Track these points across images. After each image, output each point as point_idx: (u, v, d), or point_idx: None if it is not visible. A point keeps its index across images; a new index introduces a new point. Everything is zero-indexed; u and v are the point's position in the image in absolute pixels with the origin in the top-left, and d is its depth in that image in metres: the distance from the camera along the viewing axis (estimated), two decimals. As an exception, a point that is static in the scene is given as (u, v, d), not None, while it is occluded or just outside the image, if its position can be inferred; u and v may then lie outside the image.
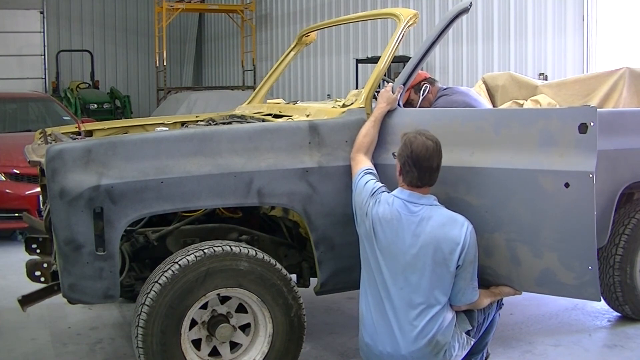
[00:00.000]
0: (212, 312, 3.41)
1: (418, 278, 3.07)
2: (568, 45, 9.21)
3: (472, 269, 3.10)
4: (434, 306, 3.08)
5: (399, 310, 3.10)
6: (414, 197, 3.13)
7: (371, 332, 3.20)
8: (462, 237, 3.05)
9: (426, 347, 3.08)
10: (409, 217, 3.08)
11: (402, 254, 3.09)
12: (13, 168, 7.09)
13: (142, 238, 3.55)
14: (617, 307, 4.53)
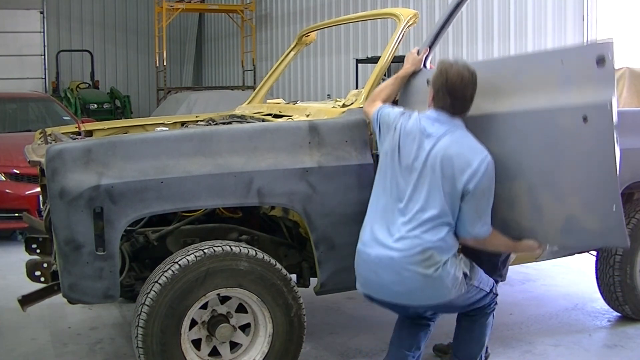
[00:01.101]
0: (212, 312, 3.41)
1: (427, 191, 3.01)
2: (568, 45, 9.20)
3: (484, 202, 3.01)
4: (437, 221, 3.00)
5: (403, 219, 3.04)
6: (443, 117, 3.10)
7: (367, 239, 3.15)
8: (477, 162, 2.98)
9: (418, 255, 2.99)
10: (432, 133, 3.06)
11: (418, 166, 3.05)
12: (13, 168, 7.09)
13: (142, 238, 3.55)
14: (617, 307, 4.53)
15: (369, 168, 3.57)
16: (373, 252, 3.09)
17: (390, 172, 3.12)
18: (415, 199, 3.02)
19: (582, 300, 5.02)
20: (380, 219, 3.10)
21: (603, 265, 4.46)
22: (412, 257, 2.98)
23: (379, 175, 3.20)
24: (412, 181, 3.04)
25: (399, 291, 3.06)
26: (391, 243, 3.03)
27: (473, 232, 3.03)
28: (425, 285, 3.01)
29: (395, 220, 3.04)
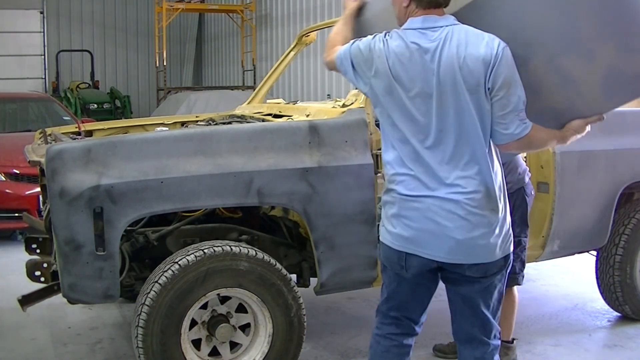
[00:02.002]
0: (212, 312, 3.41)
1: (455, 117, 2.45)
2: (568, 45, 9.20)
3: (514, 94, 2.46)
4: (482, 151, 2.48)
5: (442, 158, 2.48)
6: (430, 20, 2.50)
7: (413, 186, 2.51)
8: (490, 50, 2.43)
9: (481, 194, 2.47)
10: (429, 46, 2.45)
11: (432, 92, 2.45)
12: (13, 168, 7.09)
13: (142, 238, 3.55)
14: (617, 307, 4.53)
15: (369, 168, 3.57)
16: (432, 194, 2.46)
17: (398, 111, 2.50)
18: (446, 130, 2.45)
19: (582, 300, 5.02)
20: (415, 166, 2.49)
21: (603, 265, 4.46)
22: (476, 200, 2.45)
23: (385, 122, 2.58)
24: (433, 111, 2.45)
25: (464, 241, 2.46)
26: (446, 185, 2.46)
27: (515, 133, 2.48)
28: (490, 234, 2.49)
29: (433, 162, 2.46)
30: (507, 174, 3.62)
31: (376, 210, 3.64)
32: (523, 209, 3.63)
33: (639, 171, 4.33)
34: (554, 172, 4.00)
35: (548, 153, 4.01)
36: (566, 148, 4.00)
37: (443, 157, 2.46)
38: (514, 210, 3.62)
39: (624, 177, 4.28)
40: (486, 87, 2.44)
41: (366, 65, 2.56)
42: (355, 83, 2.65)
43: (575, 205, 4.12)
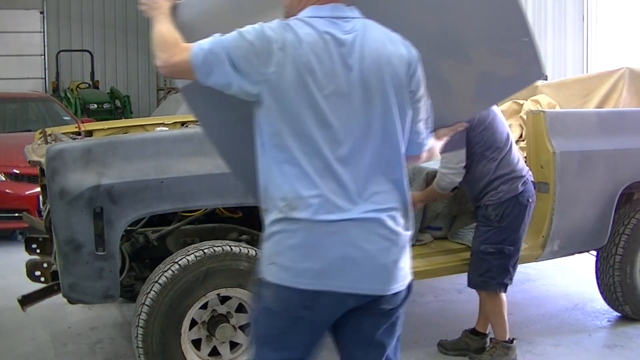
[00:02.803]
0: (212, 312, 3.41)
1: (380, 121, 2.06)
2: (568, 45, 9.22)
3: (427, 100, 2.21)
4: (400, 161, 2.13)
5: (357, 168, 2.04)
6: (339, 9, 2.08)
7: (318, 203, 1.99)
8: (411, 50, 2.13)
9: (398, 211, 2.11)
10: (345, 38, 2.05)
11: (351, 91, 2.03)
12: (13, 168, 7.09)
13: (142, 238, 3.55)
14: (617, 307, 4.53)
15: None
16: (348, 216, 2.00)
17: (310, 114, 2.00)
18: (366, 136, 2.05)
19: (582, 300, 5.02)
20: (325, 183, 2.00)
21: (603, 265, 4.46)
22: (394, 217, 2.08)
23: (287, 132, 2.00)
24: (351, 114, 2.03)
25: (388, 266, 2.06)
26: (361, 202, 2.02)
27: (427, 141, 2.23)
28: (406, 255, 2.15)
29: (346, 176, 2.01)
30: (500, 184, 3.65)
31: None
32: (513, 218, 3.65)
33: (639, 171, 4.33)
34: (554, 172, 3.99)
35: (548, 153, 4.01)
36: (566, 148, 4.02)
37: (359, 169, 2.03)
38: (502, 219, 3.65)
39: (624, 177, 4.28)
40: (410, 91, 2.12)
41: (260, 60, 1.99)
42: (233, 85, 2.02)
43: (575, 205, 4.12)
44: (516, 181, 3.65)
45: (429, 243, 4.25)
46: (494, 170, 3.65)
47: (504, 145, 3.68)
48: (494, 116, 3.70)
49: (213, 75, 2.03)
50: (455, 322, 4.43)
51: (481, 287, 3.77)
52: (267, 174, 2.04)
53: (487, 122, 3.66)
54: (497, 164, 3.66)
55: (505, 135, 3.71)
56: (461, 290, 5.22)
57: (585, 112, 4.61)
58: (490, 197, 3.66)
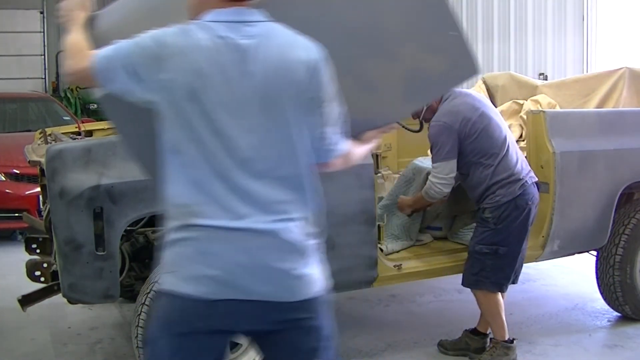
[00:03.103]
0: (212, 312, 3.40)
1: (278, 130, 2.00)
2: (568, 45, 9.22)
3: (336, 105, 2.11)
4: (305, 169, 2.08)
5: (257, 180, 1.98)
6: (242, 13, 2.00)
7: (214, 211, 1.94)
8: (317, 54, 2.04)
9: (298, 222, 2.08)
10: (244, 43, 1.97)
11: (249, 100, 1.96)
12: (13, 168, 7.09)
13: (142, 238, 3.55)
14: (617, 307, 4.53)
15: (369, 168, 3.57)
16: (247, 225, 1.95)
17: (204, 122, 1.94)
18: (264, 145, 1.99)
19: (582, 300, 5.01)
20: (222, 191, 1.95)
21: (603, 265, 4.46)
22: (297, 227, 2.06)
23: (181, 139, 1.95)
24: (248, 123, 1.97)
25: (289, 272, 1.99)
26: (261, 210, 1.97)
27: (341, 148, 2.15)
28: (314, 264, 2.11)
29: (247, 185, 1.96)
30: (498, 188, 3.65)
31: (376, 210, 3.64)
32: (510, 220, 3.66)
33: (639, 171, 4.33)
34: (554, 172, 3.99)
35: (548, 153, 4.01)
36: (566, 148, 4.02)
37: (259, 177, 1.97)
38: (499, 221, 3.66)
39: (624, 177, 4.28)
40: (311, 97, 2.03)
41: (155, 66, 1.94)
42: (132, 92, 1.99)
43: (575, 205, 4.12)
44: (514, 185, 3.66)
45: (429, 243, 4.26)
46: (491, 176, 3.67)
47: (500, 150, 3.69)
48: (488, 122, 3.71)
49: (113, 82, 1.99)
50: (455, 322, 4.43)
51: (474, 285, 3.78)
52: (167, 181, 1.99)
53: (480, 130, 3.67)
54: (493, 170, 3.66)
55: (502, 139, 3.71)
56: (461, 290, 5.20)
57: (585, 112, 4.61)
58: (489, 201, 3.68)
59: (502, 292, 3.80)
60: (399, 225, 4.14)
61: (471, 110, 3.71)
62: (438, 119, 3.72)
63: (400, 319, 4.70)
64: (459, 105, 3.72)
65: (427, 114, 3.82)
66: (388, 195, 4.37)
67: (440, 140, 3.67)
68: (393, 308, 4.93)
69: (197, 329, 1.95)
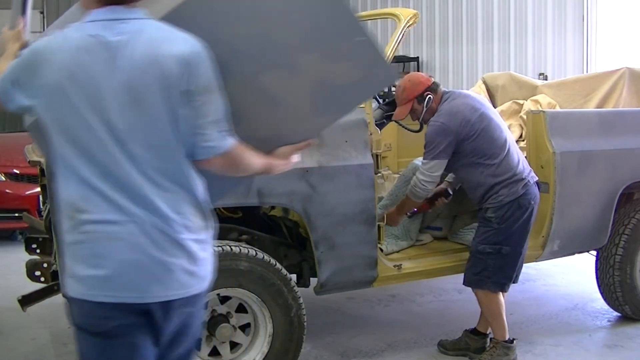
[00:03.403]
0: (212, 312, 3.41)
1: (147, 125, 2.00)
2: (568, 45, 9.22)
3: (213, 101, 2.07)
4: (182, 165, 2.05)
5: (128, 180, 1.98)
6: (117, 11, 2.03)
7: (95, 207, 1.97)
8: (188, 50, 2.02)
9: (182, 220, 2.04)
10: (114, 40, 1.99)
11: (117, 97, 1.98)
12: (13, 168, 7.09)
13: (142, 238, 3.54)
14: (617, 307, 4.53)
15: (369, 168, 3.57)
16: (130, 218, 1.97)
17: (77, 120, 1.97)
18: (134, 140, 2.00)
19: (582, 300, 5.02)
20: (96, 183, 1.97)
21: (603, 265, 4.46)
22: (177, 222, 2.03)
23: (61, 141, 2.00)
24: (119, 119, 1.98)
25: (170, 270, 1.99)
26: (139, 207, 1.98)
27: (217, 146, 2.08)
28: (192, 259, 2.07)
29: (125, 180, 1.98)
30: (501, 188, 3.65)
31: (376, 210, 3.64)
32: (513, 220, 3.67)
33: (639, 171, 4.33)
34: (554, 172, 4.00)
35: (548, 153, 4.01)
36: (566, 148, 4.02)
37: (135, 174, 1.98)
38: (502, 221, 3.66)
39: (624, 177, 4.28)
40: (183, 91, 2.01)
41: (32, 73, 1.99)
42: (22, 105, 2.03)
43: (575, 205, 4.12)
44: (516, 184, 3.67)
45: (429, 243, 4.26)
46: (493, 176, 3.67)
47: (501, 150, 3.69)
48: (487, 123, 3.70)
49: (11, 102, 2.05)
50: (455, 322, 4.44)
51: (476, 285, 3.77)
52: (57, 183, 2.03)
53: (480, 131, 3.67)
54: (494, 170, 3.67)
55: (502, 140, 3.71)
56: (461, 290, 5.21)
57: (585, 112, 4.61)
58: (492, 201, 3.68)
59: (504, 291, 3.80)
60: (399, 225, 4.14)
61: (470, 111, 3.71)
62: (436, 119, 3.72)
63: (400, 319, 4.70)
64: (458, 106, 3.73)
65: (427, 115, 3.82)
66: (388, 195, 4.37)
67: (436, 140, 3.67)
68: (393, 308, 4.93)
69: (107, 329, 1.97)
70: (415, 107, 3.83)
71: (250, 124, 2.27)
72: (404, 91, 3.82)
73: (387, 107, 4.30)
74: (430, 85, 3.83)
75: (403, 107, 3.85)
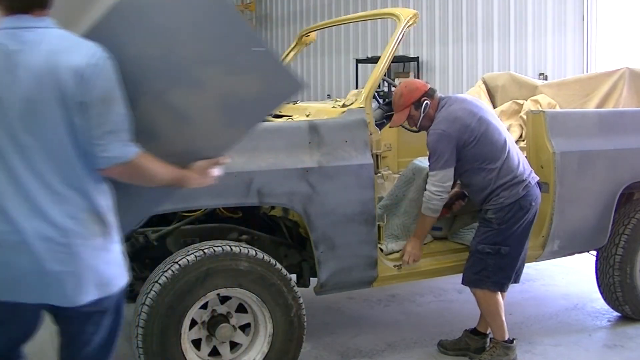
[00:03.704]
0: (212, 312, 3.41)
1: (43, 134, 2.05)
2: (568, 45, 9.22)
3: (113, 112, 2.09)
4: (79, 173, 2.10)
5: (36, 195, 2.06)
6: (23, 20, 2.07)
7: None
8: (91, 59, 2.04)
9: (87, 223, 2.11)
10: (17, 48, 2.04)
11: (14, 102, 2.03)
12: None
13: (142, 238, 3.55)
14: (617, 307, 4.53)
15: (369, 168, 3.57)
16: (14, 230, 2.06)
17: None
18: (30, 149, 2.05)
19: (582, 300, 5.02)
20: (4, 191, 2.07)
21: (603, 265, 4.46)
22: (70, 231, 2.09)
23: None
24: (14, 127, 2.04)
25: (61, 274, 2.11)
26: (34, 213, 2.06)
27: (115, 156, 2.09)
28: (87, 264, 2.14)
29: (17, 183, 2.06)
30: (501, 190, 3.65)
31: (376, 210, 3.65)
32: (514, 221, 3.66)
33: (639, 171, 4.33)
34: (554, 172, 4.00)
35: (548, 153, 4.01)
36: (566, 148, 4.02)
37: (32, 180, 2.04)
38: (502, 222, 3.66)
39: (624, 177, 4.28)
40: (79, 102, 2.04)
41: None
42: None
43: (575, 205, 4.12)
44: (517, 186, 3.67)
45: (429, 243, 4.26)
46: (495, 179, 3.67)
47: (501, 153, 3.69)
48: (486, 127, 3.70)
49: None
50: (455, 322, 4.44)
51: (475, 284, 3.77)
52: None
53: (480, 135, 3.67)
54: (497, 174, 3.67)
55: (502, 142, 3.71)
56: (461, 290, 5.22)
57: (585, 112, 4.61)
58: (493, 203, 3.69)
59: (503, 291, 3.80)
60: (399, 225, 4.14)
61: (469, 116, 3.70)
62: (436, 127, 3.70)
63: (400, 319, 4.70)
64: (456, 112, 3.71)
65: (424, 121, 3.80)
66: (388, 195, 4.37)
67: (439, 148, 3.66)
68: (393, 308, 4.93)
69: None
70: (413, 113, 3.81)
71: (165, 139, 2.33)
72: (401, 97, 3.81)
73: (387, 107, 4.30)
74: (427, 91, 3.82)
75: (400, 113, 3.84)
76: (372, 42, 12.97)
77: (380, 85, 9.20)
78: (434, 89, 3.89)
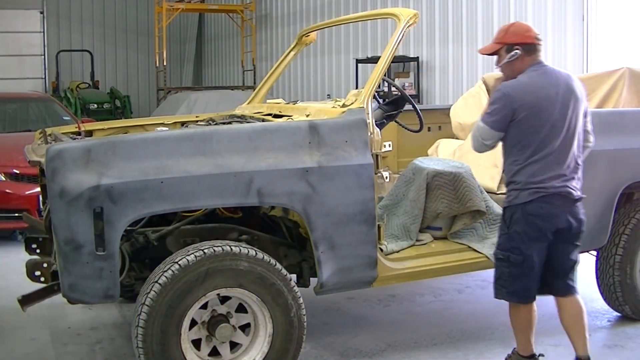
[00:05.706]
0: (212, 312, 3.41)
1: None
2: (568, 45, 9.20)
3: None
4: None
5: None
6: None
7: None
8: None
9: None
10: None
11: None
12: (13, 168, 7.09)
13: (142, 238, 3.55)
14: (617, 307, 4.53)
15: (369, 168, 3.57)
16: None
17: None
18: None
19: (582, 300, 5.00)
20: None
21: (603, 265, 4.46)
22: None
23: None
24: None
25: None
26: None
27: None
28: None
29: None
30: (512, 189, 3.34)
31: (376, 210, 3.64)
32: (521, 227, 3.36)
33: (639, 171, 4.33)
34: (554, 172, 3.98)
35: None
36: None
37: None
38: (511, 223, 3.39)
39: (624, 177, 4.28)
40: None
41: None
42: None
43: (575, 205, 4.11)
44: (526, 191, 3.35)
45: (429, 243, 4.25)
46: (514, 174, 3.39)
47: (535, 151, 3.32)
48: (536, 110, 3.31)
49: None
50: (455, 322, 4.43)
51: (495, 293, 3.52)
52: None
53: (527, 114, 3.30)
54: (518, 169, 3.36)
55: (541, 137, 3.31)
56: (461, 290, 5.22)
57: (585, 112, 4.60)
58: (506, 197, 3.46)
59: (523, 303, 3.48)
60: (399, 225, 4.14)
61: (537, 89, 3.34)
62: (505, 86, 3.41)
63: (400, 319, 4.70)
64: (532, 78, 3.40)
65: (506, 69, 3.49)
66: (388, 195, 4.37)
67: (495, 106, 3.36)
68: (393, 308, 4.93)
69: None
70: (502, 53, 3.49)
71: None
72: (502, 32, 3.51)
73: (387, 107, 4.30)
74: (527, 44, 3.44)
75: (493, 45, 3.53)
76: (372, 42, 12.96)
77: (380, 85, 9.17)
78: (538, 48, 3.50)
